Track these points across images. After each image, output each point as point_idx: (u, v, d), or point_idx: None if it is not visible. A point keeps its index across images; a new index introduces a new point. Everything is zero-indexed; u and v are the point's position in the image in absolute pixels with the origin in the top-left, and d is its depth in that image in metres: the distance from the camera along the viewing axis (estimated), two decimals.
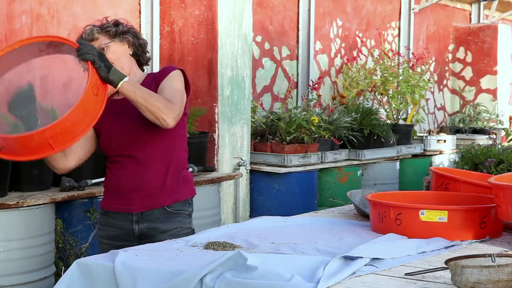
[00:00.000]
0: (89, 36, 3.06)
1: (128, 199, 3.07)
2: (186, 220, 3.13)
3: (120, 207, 3.10)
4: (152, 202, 3.06)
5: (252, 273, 2.19)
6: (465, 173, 3.72)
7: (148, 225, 3.07)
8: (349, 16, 8.31)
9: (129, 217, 3.08)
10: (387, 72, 7.71)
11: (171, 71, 3.08)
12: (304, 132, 6.18)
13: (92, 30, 3.07)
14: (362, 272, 2.32)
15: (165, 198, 3.07)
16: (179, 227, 3.09)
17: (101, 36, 3.06)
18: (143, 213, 3.07)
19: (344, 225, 3.13)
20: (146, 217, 3.07)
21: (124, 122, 3.07)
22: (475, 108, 9.87)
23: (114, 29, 3.08)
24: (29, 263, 4.11)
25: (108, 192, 3.17)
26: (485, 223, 2.79)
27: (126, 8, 5.68)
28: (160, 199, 3.06)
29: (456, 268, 2.07)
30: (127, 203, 3.08)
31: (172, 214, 3.08)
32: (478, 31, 10.18)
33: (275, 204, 6.03)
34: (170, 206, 3.08)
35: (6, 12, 4.84)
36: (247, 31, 5.94)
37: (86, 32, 3.08)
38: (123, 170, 3.08)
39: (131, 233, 3.08)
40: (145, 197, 3.06)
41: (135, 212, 3.07)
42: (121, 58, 3.07)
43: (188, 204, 3.15)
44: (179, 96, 2.97)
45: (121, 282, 2.37)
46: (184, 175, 3.14)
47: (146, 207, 3.06)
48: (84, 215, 4.47)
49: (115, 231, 3.12)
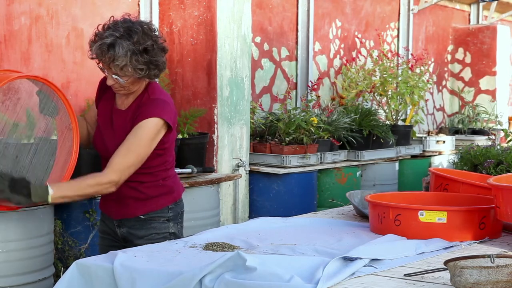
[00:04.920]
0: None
1: (108, 206, 3.22)
2: (163, 225, 3.17)
3: (106, 210, 3.26)
4: (127, 212, 3.15)
5: (251, 274, 2.19)
6: (464, 174, 3.72)
7: (127, 230, 3.17)
8: (348, 17, 8.31)
9: (112, 221, 3.23)
10: (386, 73, 7.71)
11: (145, 117, 2.98)
12: (303, 133, 6.18)
13: (124, 65, 2.96)
14: (361, 273, 2.32)
15: (139, 208, 3.14)
16: (154, 233, 3.15)
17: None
18: (121, 220, 3.18)
19: (343, 226, 3.13)
20: (124, 223, 3.18)
21: (114, 131, 3.11)
22: (474, 109, 9.87)
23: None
24: (28, 264, 4.10)
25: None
26: (484, 224, 2.79)
27: (125, 9, 5.68)
28: (133, 210, 3.14)
29: (455, 269, 2.07)
30: (108, 209, 3.23)
31: (146, 221, 3.15)
32: (477, 32, 10.18)
33: (274, 205, 6.03)
34: (143, 215, 3.15)
35: (5, 13, 4.84)
36: (246, 32, 5.94)
37: (117, 60, 2.94)
38: None
39: (115, 234, 3.22)
40: (121, 206, 3.15)
41: (115, 218, 3.20)
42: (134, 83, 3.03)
43: (168, 209, 3.18)
44: (129, 154, 2.95)
45: (120, 283, 2.37)
46: (162, 185, 3.16)
47: (122, 216, 3.17)
48: (83, 216, 4.46)
49: (105, 227, 3.29)
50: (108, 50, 2.91)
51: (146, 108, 3.01)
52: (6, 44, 4.85)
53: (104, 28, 2.99)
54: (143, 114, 3.00)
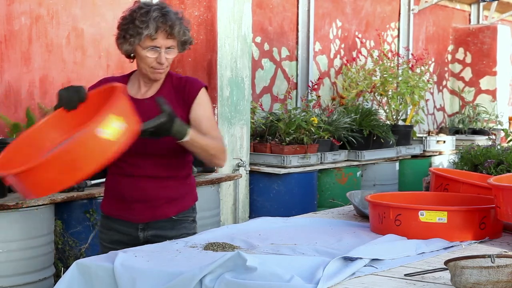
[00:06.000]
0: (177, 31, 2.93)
1: (133, 209, 3.02)
2: (191, 226, 3.12)
3: (124, 215, 3.04)
4: (157, 213, 3.03)
5: (251, 274, 2.19)
6: (465, 174, 3.72)
7: (154, 233, 3.03)
8: (348, 17, 8.31)
9: (134, 225, 3.04)
10: (387, 73, 7.71)
11: (199, 89, 3.01)
12: (304, 133, 6.18)
13: (180, 29, 2.94)
14: (361, 273, 2.32)
15: (171, 209, 3.04)
16: (184, 233, 3.05)
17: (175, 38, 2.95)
18: (148, 222, 3.04)
19: (344, 226, 3.13)
20: (151, 225, 3.03)
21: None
22: (474, 109, 9.87)
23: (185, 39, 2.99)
24: (28, 264, 4.11)
25: (110, 197, 3.09)
26: (485, 224, 2.79)
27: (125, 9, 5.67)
28: (165, 211, 3.03)
29: (455, 269, 2.07)
30: (131, 213, 3.02)
31: (177, 222, 3.07)
32: (477, 32, 10.18)
33: (274, 205, 6.03)
34: (175, 215, 3.07)
35: (6, 13, 4.84)
36: (247, 32, 5.94)
37: (176, 26, 2.91)
38: (128, 178, 3.00)
39: (136, 239, 3.02)
40: (150, 207, 3.01)
41: (141, 222, 3.03)
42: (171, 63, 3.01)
43: (192, 210, 3.14)
44: (217, 128, 3.04)
45: (121, 283, 2.37)
46: (188, 184, 3.12)
47: (151, 218, 3.03)
48: (83, 216, 4.46)
49: (118, 236, 3.06)
50: (167, 17, 2.89)
51: (190, 85, 3.01)
52: (6, 44, 4.85)
53: (140, 8, 2.93)
54: (192, 89, 3.00)
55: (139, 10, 2.93)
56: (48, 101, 5.09)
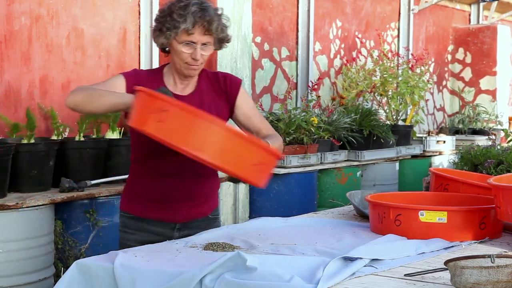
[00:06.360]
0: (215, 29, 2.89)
1: (174, 209, 2.97)
2: (220, 223, 3.15)
3: (163, 216, 2.99)
4: (198, 212, 3.03)
5: (251, 274, 2.19)
6: (465, 174, 3.72)
7: (189, 232, 2.99)
8: (348, 17, 8.31)
9: (171, 225, 3.00)
10: (387, 73, 7.71)
11: (239, 84, 3.03)
12: (304, 133, 6.18)
13: (218, 26, 2.90)
14: (361, 273, 2.32)
15: (209, 206, 3.06)
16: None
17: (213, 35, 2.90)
18: (186, 222, 3.02)
19: (344, 226, 3.13)
20: (188, 225, 3.02)
21: None
22: (474, 109, 9.87)
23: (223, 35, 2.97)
24: (28, 264, 4.11)
25: (145, 199, 2.99)
26: (485, 224, 2.79)
27: (126, 9, 5.68)
28: (204, 209, 3.05)
29: (455, 269, 2.07)
30: (172, 213, 2.98)
31: (211, 220, 3.08)
32: (477, 32, 10.18)
33: (274, 205, 6.03)
34: (211, 213, 3.08)
35: (5, 13, 4.84)
36: (247, 32, 5.94)
37: (214, 22, 2.86)
38: (170, 178, 2.94)
39: (169, 240, 2.92)
40: (192, 207, 3.00)
41: (180, 221, 3.00)
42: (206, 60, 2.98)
43: (218, 208, 3.16)
44: (265, 119, 3.11)
45: (121, 283, 2.36)
46: (217, 180, 3.11)
47: (191, 217, 3.02)
48: (83, 216, 4.46)
49: (150, 236, 2.98)
50: (206, 12, 2.84)
51: (230, 80, 3.03)
52: (6, 44, 4.85)
53: (179, 1, 2.85)
54: (233, 84, 3.02)
55: (178, 3, 2.83)
56: (48, 101, 5.10)
